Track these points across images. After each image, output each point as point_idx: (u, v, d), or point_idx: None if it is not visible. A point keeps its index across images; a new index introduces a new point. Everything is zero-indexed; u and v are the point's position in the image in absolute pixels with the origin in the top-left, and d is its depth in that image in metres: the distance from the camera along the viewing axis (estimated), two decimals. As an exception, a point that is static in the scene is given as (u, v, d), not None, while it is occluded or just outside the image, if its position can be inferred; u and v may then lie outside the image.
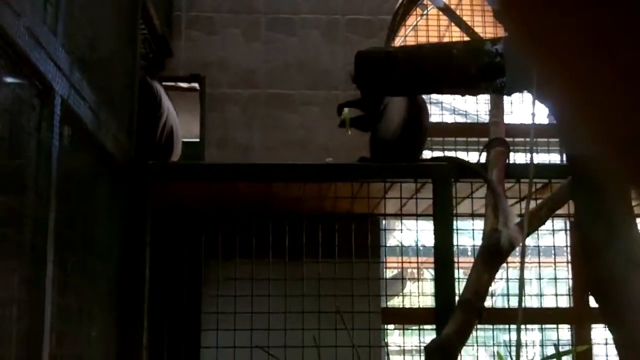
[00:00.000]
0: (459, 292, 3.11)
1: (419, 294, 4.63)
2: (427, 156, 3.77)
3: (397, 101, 3.44)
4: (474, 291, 2.95)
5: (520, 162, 4.20)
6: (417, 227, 3.92)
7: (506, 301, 4.41)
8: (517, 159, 4.36)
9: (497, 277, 3.48)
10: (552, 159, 4.77)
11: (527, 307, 4.21)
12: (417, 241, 4.00)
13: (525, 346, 4.28)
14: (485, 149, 3.42)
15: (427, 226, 3.76)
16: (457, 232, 3.48)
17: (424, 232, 3.92)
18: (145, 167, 3.24)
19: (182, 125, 3.63)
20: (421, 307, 4.37)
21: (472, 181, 3.40)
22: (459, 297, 3.05)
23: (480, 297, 2.96)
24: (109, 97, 2.90)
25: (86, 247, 2.66)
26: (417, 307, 4.51)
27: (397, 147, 3.42)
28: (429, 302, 4.41)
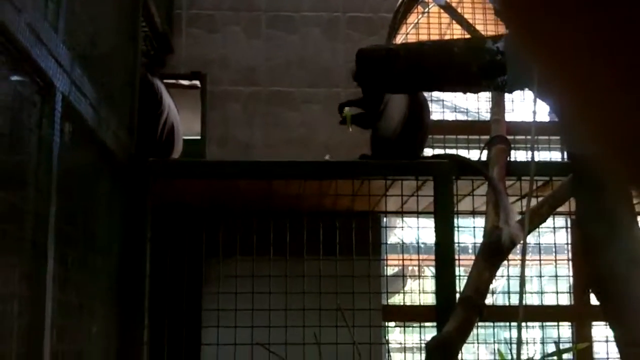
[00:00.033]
0: (460, 289, 3.11)
1: (419, 291, 4.62)
2: (428, 154, 3.77)
3: (397, 99, 3.44)
4: (475, 288, 2.95)
5: (521, 159, 4.20)
6: (418, 224, 3.92)
7: (507, 299, 4.41)
8: (518, 156, 4.36)
9: (498, 274, 3.48)
10: (553, 157, 4.77)
11: (528, 305, 4.21)
12: (418, 239, 4.00)
13: (526, 344, 4.28)
14: (486, 147, 3.42)
15: (428, 224, 3.76)
16: (458, 230, 3.48)
17: (424, 230, 3.92)
18: (145, 164, 3.24)
19: (183, 122, 3.62)
20: (422, 305, 4.36)
21: (473, 179, 3.40)
22: (459, 294, 3.05)
23: (481, 294, 2.96)
24: (110, 94, 2.90)
25: (87, 244, 2.67)
26: (417, 304, 4.51)
27: (398, 144, 3.42)
28: (429, 299, 4.41)
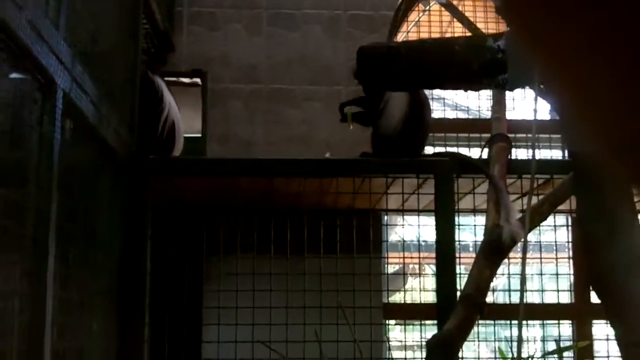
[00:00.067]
0: (461, 287, 3.11)
1: (420, 289, 4.62)
2: (429, 152, 3.77)
3: (398, 97, 3.43)
4: (476, 286, 2.95)
5: (522, 157, 4.20)
6: (419, 222, 3.92)
7: (508, 297, 4.41)
8: (519, 154, 4.36)
9: (499, 272, 3.48)
10: (554, 155, 4.76)
11: (529, 303, 4.20)
12: (418, 237, 4.00)
13: (526, 342, 4.28)
14: (487, 145, 3.42)
15: (428, 222, 3.75)
16: (458, 228, 3.48)
17: (425, 228, 3.91)
18: (146, 162, 3.24)
19: (184, 120, 3.62)
20: (423, 303, 4.36)
21: (474, 177, 3.40)
22: (460, 292, 3.05)
23: (481, 292, 2.96)
24: (111, 92, 2.90)
25: (87, 241, 2.67)
26: (418, 302, 4.51)
27: (399, 142, 3.41)
28: (430, 297, 4.41)
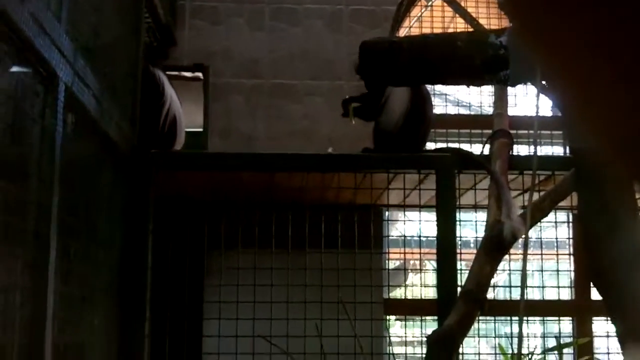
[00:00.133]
0: (461, 283, 3.11)
1: (421, 285, 4.62)
2: (430, 148, 3.77)
3: (399, 92, 3.43)
4: (476, 282, 2.95)
5: (523, 154, 4.20)
6: (420, 218, 3.92)
7: (508, 293, 4.41)
8: (521, 151, 4.36)
9: (499, 269, 3.48)
10: (555, 152, 4.76)
11: (529, 299, 4.21)
12: (419, 232, 4.00)
13: (527, 338, 4.28)
14: (488, 141, 3.41)
15: (429, 217, 3.76)
16: (459, 224, 3.48)
17: (426, 223, 3.91)
18: (148, 156, 3.24)
19: (186, 114, 3.62)
20: (423, 299, 4.37)
21: (476, 173, 3.39)
22: (461, 288, 3.05)
23: (482, 288, 2.96)
24: (113, 85, 2.90)
25: (89, 235, 2.67)
26: (419, 298, 4.51)
27: (400, 137, 3.41)
28: (431, 293, 4.41)
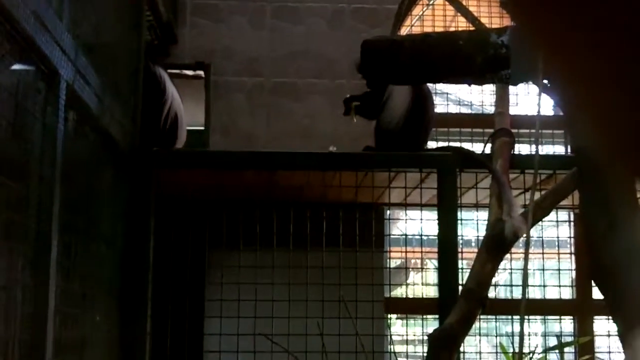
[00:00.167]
0: (463, 282, 3.11)
1: (422, 284, 4.63)
2: (432, 147, 3.77)
3: (401, 90, 3.43)
4: (477, 281, 2.95)
5: (525, 153, 4.20)
6: (421, 217, 3.91)
7: (509, 292, 4.41)
8: (522, 150, 4.36)
9: (501, 268, 3.48)
10: (556, 151, 4.76)
11: (530, 299, 4.21)
12: (421, 231, 4.00)
13: (527, 337, 4.28)
14: (490, 140, 3.41)
15: (431, 216, 3.75)
16: (461, 223, 3.47)
17: (428, 222, 3.91)
18: (149, 154, 3.24)
19: (187, 112, 3.62)
20: (424, 297, 4.37)
21: (477, 171, 3.39)
22: (462, 287, 3.05)
23: (483, 287, 2.96)
24: (114, 83, 2.90)
25: (90, 233, 2.67)
26: (420, 297, 4.51)
27: (401, 136, 3.41)
28: (432, 292, 4.41)
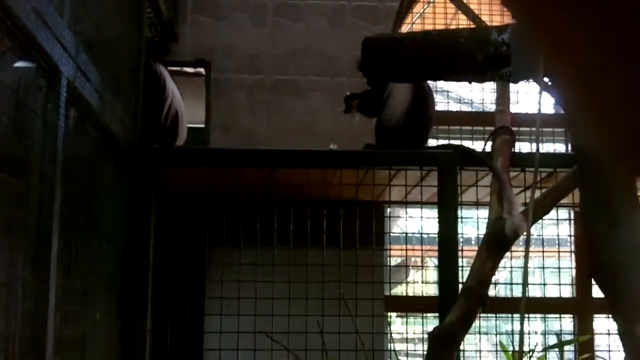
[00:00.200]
0: (463, 280, 3.11)
1: (422, 282, 4.63)
2: (432, 144, 3.76)
3: (401, 88, 3.43)
4: (478, 279, 2.95)
5: (525, 151, 4.20)
6: (422, 215, 3.91)
7: (509, 290, 4.41)
8: (522, 148, 4.35)
9: (501, 266, 3.47)
10: (557, 149, 4.76)
11: (530, 297, 4.21)
12: (421, 229, 4.00)
13: (527, 335, 4.28)
14: (490, 138, 3.41)
15: (431, 214, 3.75)
16: (461, 221, 3.47)
17: (428, 220, 3.91)
18: (149, 151, 3.23)
19: (188, 110, 3.62)
20: (424, 295, 4.37)
21: (478, 169, 3.39)
22: (462, 285, 3.05)
23: (483, 285, 2.96)
24: (115, 80, 2.89)
25: (91, 230, 2.67)
26: (420, 295, 4.51)
27: (402, 134, 3.41)
28: (432, 290, 4.41)
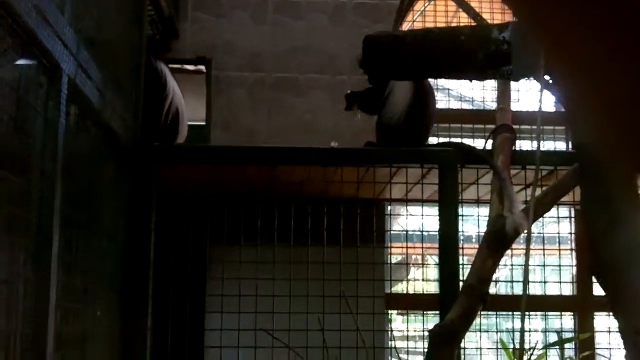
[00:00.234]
0: (463, 278, 3.11)
1: (423, 279, 4.63)
2: (433, 142, 3.76)
3: (402, 86, 3.43)
4: (478, 277, 2.95)
5: (525, 149, 4.19)
6: (422, 212, 3.91)
7: (510, 288, 4.41)
8: (523, 146, 4.35)
9: (501, 264, 3.47)
10: (557, 147, 4.76)
11: (531, 295, 4.20)
12: (422, 227, 3.99)
13: (528, 333, 4.28)
14: (491, 135, 3.41)
15: (432, 212, 3.75)
16: (462, 219, 3.47)
17: (428, 218, 3.91)
18: (150, 149, 3.23)
19: (188, 107, 3.62)
20: (425, 293, 4.37)
21: (478, 167, 3.39)
22: (463, 283, 3.05)
23: (484, 283, 2.96)
24: (116, 78, 2.89)
25: (91, 228, 2.67)
26: (421, 293, 4.51)
27: (403, 131, 3.41)
28: (432, 288, 4.41)
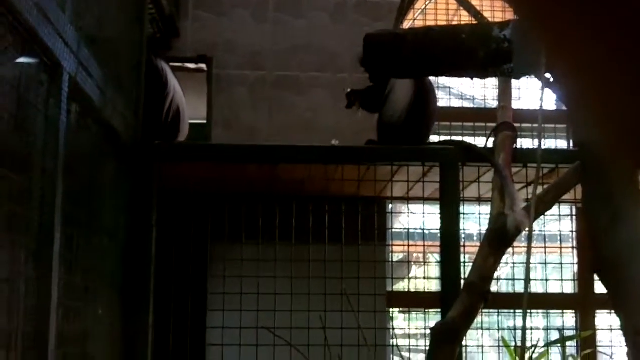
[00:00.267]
0: (465, 276, 3.11)
1: (424, 278, 4.63)
2: (434, 141, 3.76)
3: (403, 84, 3.43)
4: (480, 275, 2.95)
5: (527, 147, 4.19)
6: (424, 211, 3.91)
7: (511, 286, 4.41)
8: (524, 144, 4.35)
9: (503, 262, 3.47)
10: (559, 145, 4.76)
11: (532, 293, 4.20)
12: (423, 225, 3.99)
13: (530, 331, 4.28)
14: (492, 133, 3.41)
15: (433, 210, 3.75)
16: (463, 217, 3.47)
17: (430, 216, 3.91)
18: (151, 147, 3.23)
19: (189, 106, 3.62)
20: (426, 291, 4.37)
21: (480, 165, 3.39)
22: (464, 281, 3.05)
23: (485, 281, 2.96)
24: (117, 76, 2.89)
25: (93, 226, 2.67)
26: (422, 291, 4.51)
27: (404, 130, 3.41)
28: (434, 286, 4.41)
